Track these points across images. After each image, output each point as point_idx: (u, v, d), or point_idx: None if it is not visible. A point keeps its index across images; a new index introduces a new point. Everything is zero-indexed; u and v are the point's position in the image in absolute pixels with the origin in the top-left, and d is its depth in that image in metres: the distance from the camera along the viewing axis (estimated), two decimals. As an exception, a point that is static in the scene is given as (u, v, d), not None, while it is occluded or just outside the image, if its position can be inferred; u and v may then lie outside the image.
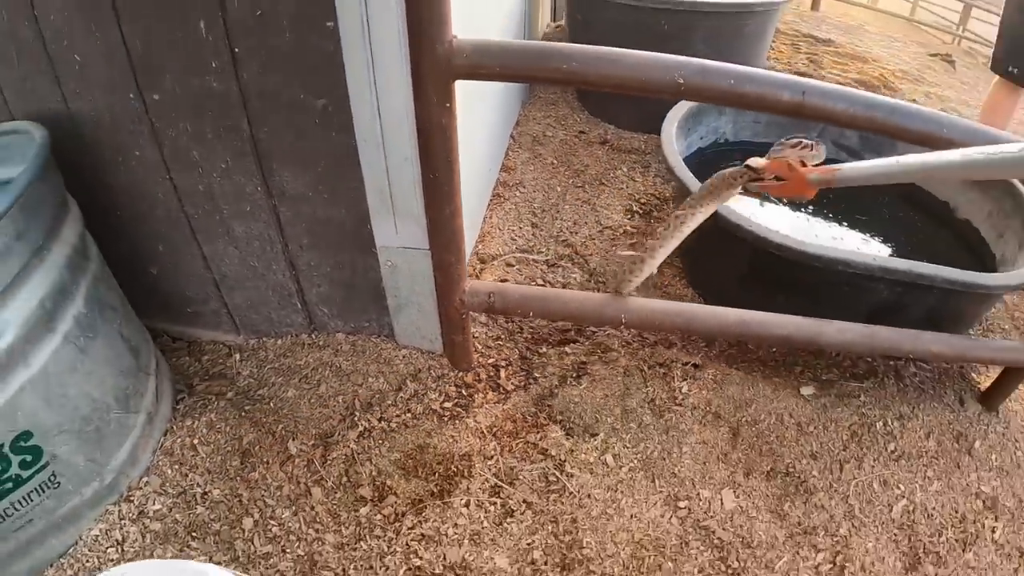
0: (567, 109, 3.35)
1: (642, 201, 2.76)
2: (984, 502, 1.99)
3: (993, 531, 1.95)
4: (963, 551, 1.87)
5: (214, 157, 1.59)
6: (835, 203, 2.69)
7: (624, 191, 2.81)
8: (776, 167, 1.32)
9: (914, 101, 4.42)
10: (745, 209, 2.25)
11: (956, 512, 1.94)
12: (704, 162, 2.61)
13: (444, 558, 1.54)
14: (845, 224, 2.60)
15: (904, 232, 2.61)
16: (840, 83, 4.27)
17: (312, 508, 1.62)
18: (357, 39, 1.34)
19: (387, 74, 1.38)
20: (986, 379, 2.26)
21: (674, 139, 2.17)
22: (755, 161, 1.36)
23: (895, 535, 1.83)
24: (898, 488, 1.93)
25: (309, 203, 1.66)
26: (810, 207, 2.65)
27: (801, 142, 1.33)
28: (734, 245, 2.03)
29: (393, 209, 1.63)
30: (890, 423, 2.06)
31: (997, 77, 3.31)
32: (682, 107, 2.38)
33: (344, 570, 1.52)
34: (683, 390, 1.94)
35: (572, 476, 1.70)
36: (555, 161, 2.93)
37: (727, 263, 2.21)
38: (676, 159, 2.10)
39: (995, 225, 2.42)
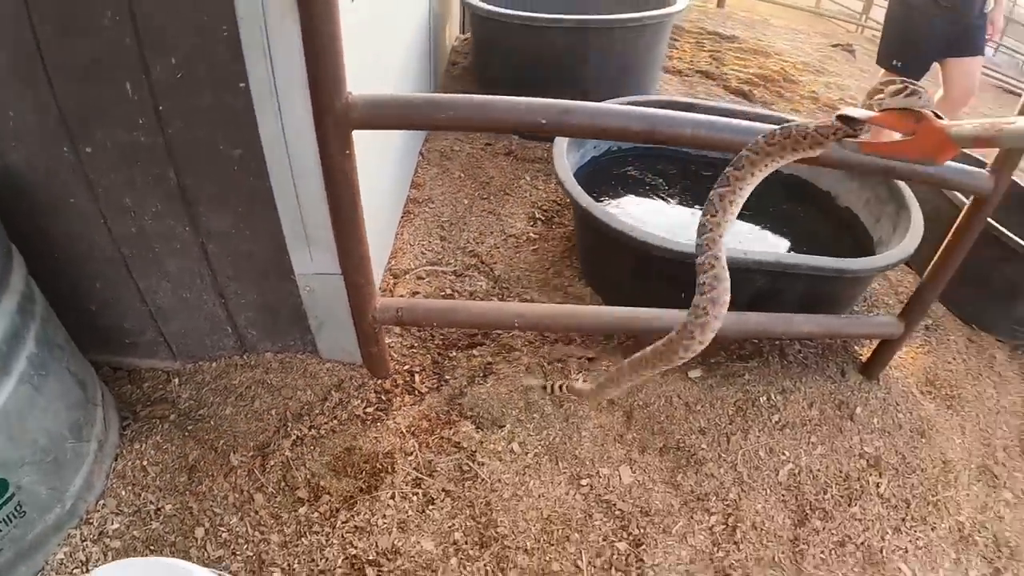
0: None
1: (544, 208, 3.14)
2: (867, 461, 2.36)
3: (878, 486, 2.31)
4: (849, 505, 2.23)
5: (145, 203, 1.85)
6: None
7: (527, 199, 3.20)
8: (891, 120, 1.10)
9: (814, 93, 4.90)
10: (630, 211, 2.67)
11: (840, 472, 2.30)
12: (599, 170, 3.01)
13: (376, 546, 1.85)
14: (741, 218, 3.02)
15: (789, 223, 2.99)
16: (740, 79, 4.75)
17: (256, 512, 1.90)
18: (266, 97, 1.64)
19: (294, 126, 1.68)
20: (868, 350, 2.66)
21: (564, 153, 2.52)
22: (855, 111, 1.12)
23: (783, 496, 2.19)
24: (783, 454, 2.29)
25: (232, 239, 1.96)
26: (696, 204, 3.02)
27: (908, 87, 1.10)
28: (622, 250, 2.38)
29: (307, 241, 1.94)
30: (773, 397, 2.43)
31: (883, 70, 3.78)
32: None
33: (289, 565, 1.80)
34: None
35: (483, 464, 2.04)
36: (462, 174, 3.30)
37: (618, 264, 2.57)
38: (566, 173, 2.45)
39: (872, 211, 2.84)
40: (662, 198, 3.04)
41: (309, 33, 1.45)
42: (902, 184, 2.76)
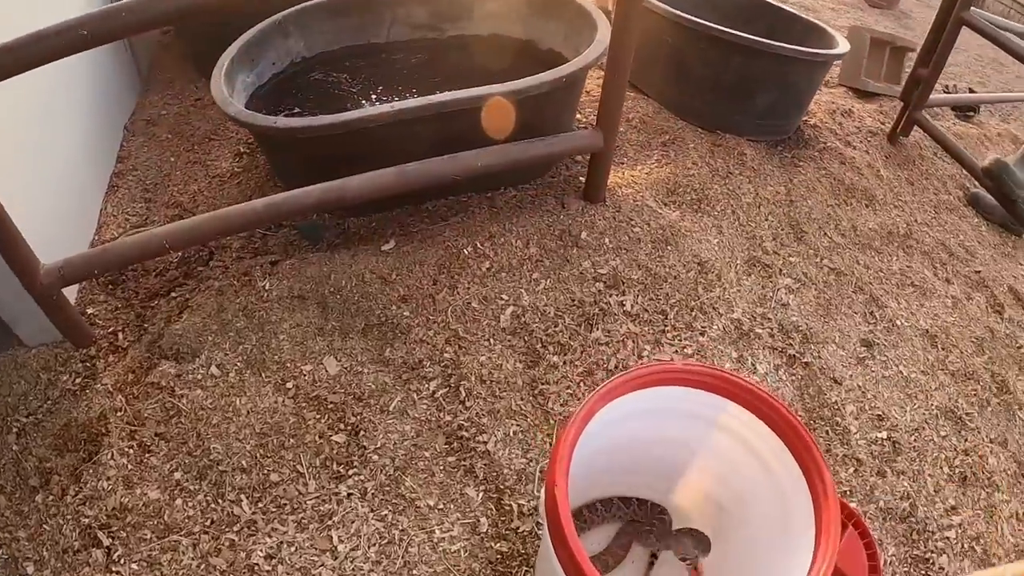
0: (184, 82, 3.77)
1: (249, 142, 3.21)
2: (605, 283, 2.44)
3: (622, 304, 2.39)
4: (589, 331, 2.32)
5: None
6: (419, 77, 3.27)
7: (233, 139, 3.27)
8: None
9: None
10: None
11: (573, 300, 2.37)
12: (282, 84, 3.07)
13: (106, 509, 1.92)
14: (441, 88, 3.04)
15: (501, 77, 3.07)
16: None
17: (2, 515, 1.96)
18: None
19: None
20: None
21: (223, 79, 2.56)
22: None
23: (509, 341, 2.27)
24: (501, 299, 2.37)
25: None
26: (378, 88, 3.18)
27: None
28: (278, 142, 2.54)
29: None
30: (480, 245, 2.50)
31: None
32: (238, 43, 2.79)
33: (39, 555, 1.87)
34: (266, 287, 2.37)
35: (183, 397, 2.11)
36: (169, 135, 3.35)
37: (285, 158, 2.71)
38: (218, 89, 2.52)
39: (571, 43, 2.96)
40: (344, 91, 3.13)
41: None
42: (591, 8, 2.90)
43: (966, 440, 2.45)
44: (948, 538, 2.15)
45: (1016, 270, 3.52)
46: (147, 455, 2.04)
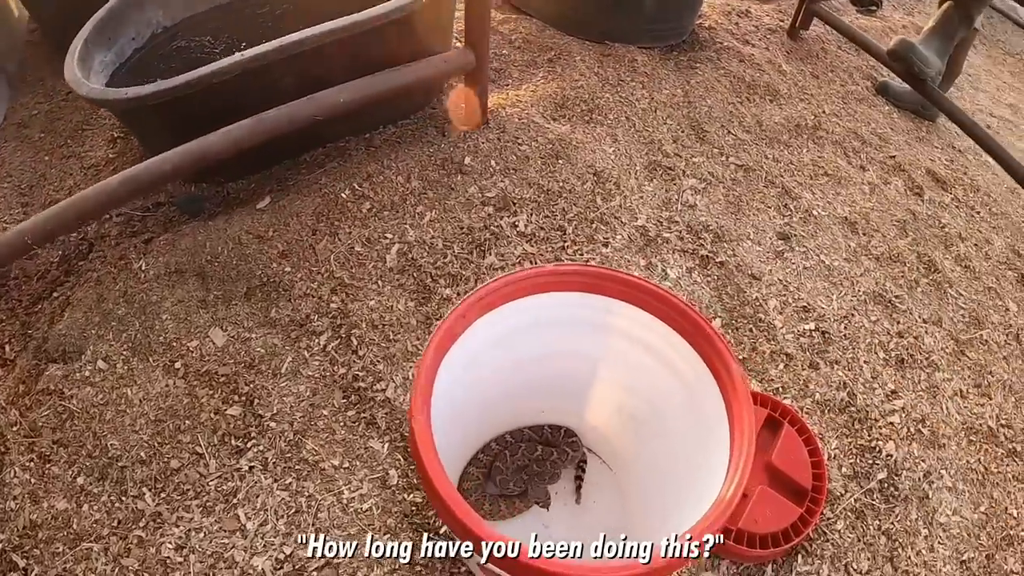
0: (56, 79, 3.44)
1: (122, 126, 3.01)
2: (494, 206, 2.33)
3: (515, 226, 2.29)
4: (482, 258, 2.23)
5: None
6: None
7: (107, 124, 3.08)
8: None
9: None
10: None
11: (461, 228, 2.27)
12: (147, 58, 2.81)
13: (18, 528, 1.81)
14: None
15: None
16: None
17: None
18: None
19: None
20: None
21: (76, 63, 2.35)
22: None
23: (398, 280, 2.17)
24: (385, 238, 2.25)
25: None
26: (244, 43, 2.88)
27: None
28: (150, 111, 2.32)
29: None
30: (358, 186, 2.37)
31: None
32: (89, 24, 2.55)
33: None
34: (143, 267, 2.22)
35: (72, 397, 1.98)
36: (42, 133, 3.16)
37: (162, 125, 2.48)
38: (75, 80, 2.29)
39: None
40: (208, 54, 2.93)
41: None
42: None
43: (899, 323, 2.46)
44: (892, 423, 2.10)
45: (932, 152, 3.48)
46: (48, 465, 1.91)
